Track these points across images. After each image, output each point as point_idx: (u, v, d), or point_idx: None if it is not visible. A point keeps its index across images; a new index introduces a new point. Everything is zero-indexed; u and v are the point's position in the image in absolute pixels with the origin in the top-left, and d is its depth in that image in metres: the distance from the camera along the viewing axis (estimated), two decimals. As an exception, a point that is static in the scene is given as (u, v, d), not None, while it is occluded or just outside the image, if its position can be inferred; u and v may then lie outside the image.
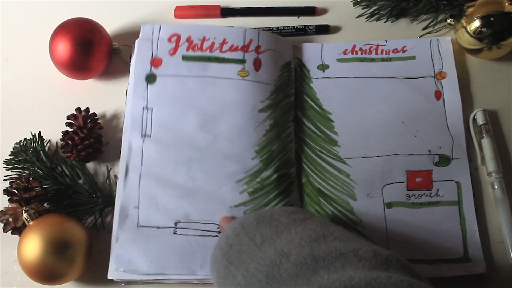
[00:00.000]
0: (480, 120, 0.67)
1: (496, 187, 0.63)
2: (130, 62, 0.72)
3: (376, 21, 0.74)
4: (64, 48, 0.69)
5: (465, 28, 0.67)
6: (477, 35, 0.66)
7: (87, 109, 0.69)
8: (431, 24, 0.72)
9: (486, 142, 0.65)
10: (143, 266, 0.60)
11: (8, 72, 0.76)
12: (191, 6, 0.77)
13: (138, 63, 0.70)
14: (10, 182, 0.65)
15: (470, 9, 0.67)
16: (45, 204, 0.66)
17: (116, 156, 0.68)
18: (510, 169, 0.65)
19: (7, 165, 0.68)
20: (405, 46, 0.71)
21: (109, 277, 0.61)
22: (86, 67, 0.71)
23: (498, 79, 0.70)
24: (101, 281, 0.63)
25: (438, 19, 0.72)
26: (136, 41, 0.71)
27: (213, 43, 0.70)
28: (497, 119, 0.68)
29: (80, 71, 0.71)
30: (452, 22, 0.70)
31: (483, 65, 0.71)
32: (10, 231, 0.63)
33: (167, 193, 0.64)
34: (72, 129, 0.68)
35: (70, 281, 0.62)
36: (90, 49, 0.70)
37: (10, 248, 0.63)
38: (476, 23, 0.66)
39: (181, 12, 0.77)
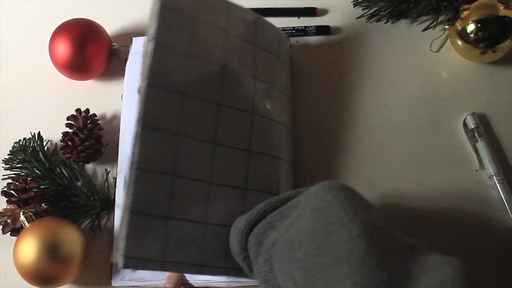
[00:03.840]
0: (471, 124, 0.65)
1: (500, 189, 0.62)
2: (125, 66, 0.71)
3: (376, 22, 0.74)
4: (64, 48, 0.69)
5: (459, 32, 0.66)
6: (472, 38, 0.65)
7: (87, 110, 0.69)
8: (432, 25, 0.71)
9: (481, 145, 0.64)
10: (147, 274, 0.62)
11: (8, 72, 0.76)
12: (191, 7, 0.76)
13: (129, 77, 0.70)
14: (7, 183, 0.65)
15: (465, 12, 0.66)
16: (43, 205, 0.66)
17: (116, 157, 0.68)
18: (509, 171, 0.64)
19: (5, 165, 0.68)
20: None
21: (113, 284, 0.62)
22: (86, 68, 0.70)
23: (486, 82, 0.69)
24: (98, 283, 0.64)
25: (439, 20, 0.71)
26: (129, 54, 0.71)
27: None
28: (488, 122, 0.67)
29: (80, 72, 0.71)
30: (448, 26, 0.70)
31: (475, 69, 0.70)
32: (9, 232, 0.63)
33: None
34: (72, 130, 0.68)
35: (66, 284, 0.62)
36: (90, 50, 0.70)
37: (10, 250, 0.63)
38: (471, 27, 0.65)
39: (181, 12, 0.76)
